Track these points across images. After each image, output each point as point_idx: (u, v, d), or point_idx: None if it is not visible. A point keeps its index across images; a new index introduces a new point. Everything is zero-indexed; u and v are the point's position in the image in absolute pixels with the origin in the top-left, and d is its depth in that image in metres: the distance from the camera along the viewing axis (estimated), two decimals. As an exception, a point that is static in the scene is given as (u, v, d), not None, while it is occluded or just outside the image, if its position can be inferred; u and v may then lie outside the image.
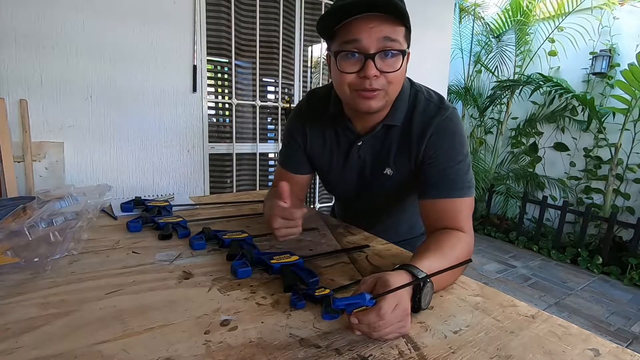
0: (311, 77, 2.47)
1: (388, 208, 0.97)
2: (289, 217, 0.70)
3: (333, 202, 1.23)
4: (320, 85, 2.46)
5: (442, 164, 0.74)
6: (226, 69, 2.11)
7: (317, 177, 1.10)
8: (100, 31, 1.64)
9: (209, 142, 2.04)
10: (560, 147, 3.58)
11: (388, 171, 0.82)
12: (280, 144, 2.24)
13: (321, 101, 0.86)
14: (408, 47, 0.71)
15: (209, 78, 2.02)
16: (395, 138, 0.79)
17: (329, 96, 0.84)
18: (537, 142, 3.76)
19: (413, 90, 0.80)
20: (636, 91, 2.76)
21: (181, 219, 0.89)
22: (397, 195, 0.90)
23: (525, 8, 3.50)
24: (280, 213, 0.70)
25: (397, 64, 0.68)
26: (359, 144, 0.82)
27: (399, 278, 0.52)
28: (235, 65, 2.09)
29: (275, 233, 0.71)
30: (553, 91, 3.33)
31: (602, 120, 3.07)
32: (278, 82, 2.26)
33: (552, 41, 3.52)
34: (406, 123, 0.78)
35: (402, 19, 0.65)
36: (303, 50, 2.34)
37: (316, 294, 0.56)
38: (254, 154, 2.27)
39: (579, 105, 3.29)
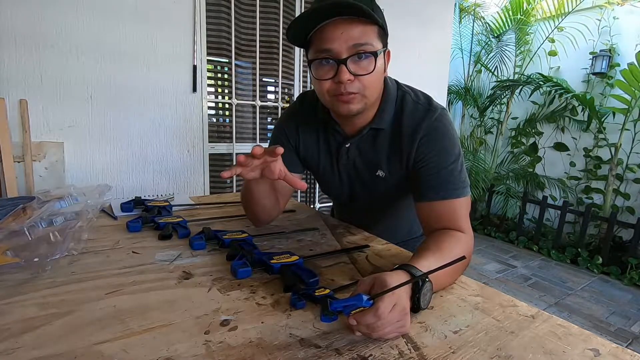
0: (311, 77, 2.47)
1: (384, 210, 0.97)
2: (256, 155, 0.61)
3: (332, 203, 1.23)
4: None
5: (435, 166, 0.74)
6: (226, 69, 2.10)
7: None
8: (100, 31, 1.64)
9: (209, 142, 2.04)
10: (560, 147, 3.58)
11: (380, 173, 0.83)
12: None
13: (312, 104, 0.87)
14: (385, 46, 0.71)
15: (209, 78, 2.02)
16: (385, 141, 0.80)
17: (317, 100, 0.84)
18: (537, 142, 3.76)
19: (400, 92, 0.80)
20: (636, 91, 2.76)
21: (181, 219, 0.89)
22: (393, 197, 0.91)
23: (525, 7, 3.50)
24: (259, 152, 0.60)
25: (370, 66, 0.68)
26: (347, 145, 0.83)
27: (397, 278, 0.52)
28: (235, 65, 2.08)
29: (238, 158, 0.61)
30: (553, 91, 3.32)
31: (602, 120, 3.07)
32: (278, 82, 2.26)
33: (552, 41, 3.51)
34: (395, 126, 0.78)
35: (371, 19, 0.65)
36: (303, 50, 2.33)
37: (316, 294, 0.56)
38: (254, 154, 2.27)
39: (579, 105, 3.29)
